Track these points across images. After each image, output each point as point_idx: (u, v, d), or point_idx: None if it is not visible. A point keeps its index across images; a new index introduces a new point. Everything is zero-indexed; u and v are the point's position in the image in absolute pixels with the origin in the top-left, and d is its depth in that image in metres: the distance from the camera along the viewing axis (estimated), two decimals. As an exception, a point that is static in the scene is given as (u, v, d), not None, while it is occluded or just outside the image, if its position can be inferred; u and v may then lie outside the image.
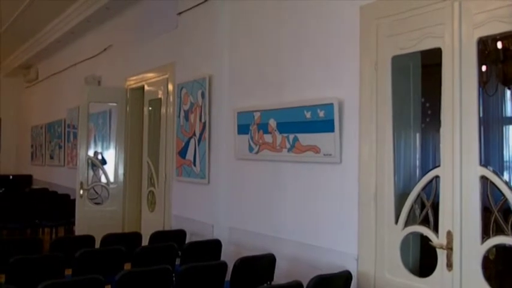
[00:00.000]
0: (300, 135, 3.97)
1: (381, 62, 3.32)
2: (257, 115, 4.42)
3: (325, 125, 3.71)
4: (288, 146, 4.08)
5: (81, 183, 6.90)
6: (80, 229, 6.77)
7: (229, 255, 4.38)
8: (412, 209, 3.15)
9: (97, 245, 4.72)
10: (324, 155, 3.74)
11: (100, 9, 7.73)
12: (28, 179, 12.87)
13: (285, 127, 4.13)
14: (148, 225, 6.15)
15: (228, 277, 3.63)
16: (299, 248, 3.95)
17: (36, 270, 3.67)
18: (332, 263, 3.53)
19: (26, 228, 7.68)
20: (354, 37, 3.55)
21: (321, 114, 3.75)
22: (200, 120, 5.17)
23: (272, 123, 4.25)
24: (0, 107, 14.67)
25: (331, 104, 3.65)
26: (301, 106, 3.94)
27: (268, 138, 4.30)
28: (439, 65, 2.96)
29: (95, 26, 8.66)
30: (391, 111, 3.26)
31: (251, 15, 4.76)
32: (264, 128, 4.34)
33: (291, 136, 4.05)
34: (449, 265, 2.81)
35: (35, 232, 7.78)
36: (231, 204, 4.85)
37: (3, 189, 11.23)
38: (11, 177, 13.05)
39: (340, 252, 3.55)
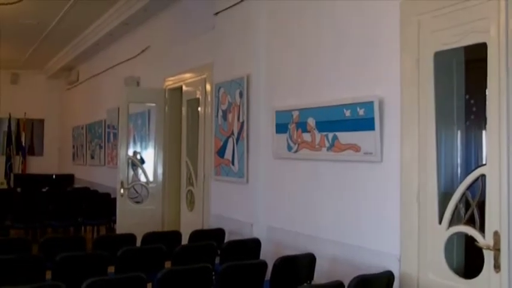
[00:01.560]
0: (339, 134, 3.93)
1: (423, 58, 3.25)
2: (295, 114, 4.41)
3: (366, 123, 3.67)
4: (327, 144, 4.05)
5: (122, 182, 7.01)
6: (120, 227, 6.89)
7: (268, 255, 4.38)
8: (456, 208, 3.07)
9: (138, 243, 4.80)
10: (364, 153, 3.70)
11: (138, 11, 7.86)
12: (70, 178, 13.18)
13: (324, 126, 4.10)
14: (187, 224, 6.22)
15: (267, 276, 3.63)
16: (339, 247, 3.91)
17: (81, 267, 3.75)
18: (373, 263, 3.48)
19: (69, 226, 7.88)
20: (394, 33, 3.49)
21: (361, 112, 3.70)
22: (238, 119, 5.18)
23: (311, 121, 4.22)
24: (43, 108, 15.13)
25: (372, 102, 3.60)
26: (340, 104, 3.90)
27: (307, 137, 4.27)
28: (483, 60, 2.88)
29: (132, 28, 8.81)
30: (433, 109, 3.19)
31: (288, 14, 4.74)
32: (302, 126, 4.32)
33: (330, 135, 4.02)
34: (497, 266, 2.73)
35: (77, 230, 7.96)
36: (269, 203, 4.85)
37: (46, 188, 11.55)
38: (53, 176, 13.40)
39: (381, 253, 3.50)
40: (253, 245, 4.53)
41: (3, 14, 3.11)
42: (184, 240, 4.97)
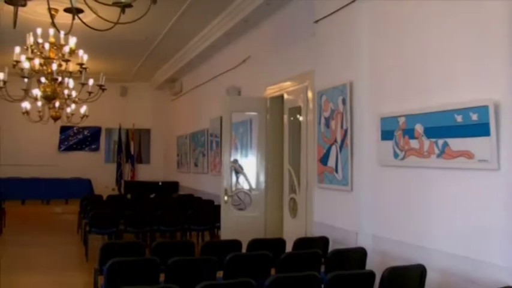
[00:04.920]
0: (450, 140, 3.76)
1: (545, 58, 3.04)
2: (402, 120, 4.28)
3: (479, 129, 3.48)
4: (436, 151, 3.89)
5: (226, 190, 7.20)
6: (224, 234, 7.07)
7: (374, 265, 4.28)
8: None
9: (242, 250, 4.89)
10: (479, 160, 3.51)
11: (239, 22, 8.08)
12: (175, 185, 13.79)
13: (433, 132, 3.94)
14: (290, 232, 6.25)
15: (375, 287, 3.55)
16: (452, 259, 3.72)
17: (191, 271, 3.90)
18: (490, 277, 3.29)
19: (175, 231, 8.21)
20: (509, 33, 3.28)
21: (474, 117, 3.52)
22: (341, 126, 5.13)
23: (419, 128, 4.08)
24: (150, 118, 15.98)
25: (486, 106, 3.41)
26: (450, 110, 3.73)
27: (414, 143, 4.14)
28: None
29: (233, 39, 9.06)
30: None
31: (391, 18, 4.63)
32: (409, 133, 4.18)
33: (440, 141, 3.85)
34: None
35: (184, 235, 8.27)
36: (374, 211, 4.74)
37: (154, 194, 12.15)
38: (160, 183, 14.09)
39: (500, 267, 3.29)
40: (359, 254, 4.45)
41: (114, 32, 3.36)
42: (288, 248, 4.99)
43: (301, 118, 6.37)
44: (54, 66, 7.94)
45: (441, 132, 3.85)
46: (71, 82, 8.91)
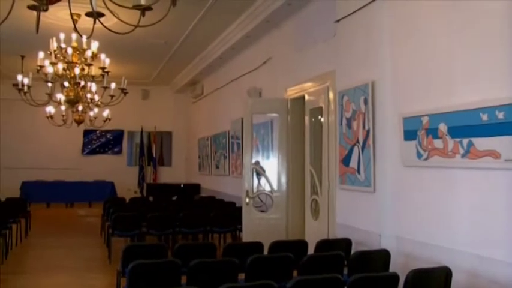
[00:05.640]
0: (475, 140, 3.69)
1: None
2: (425, 120, 4.21)
3: (506, 128, 3.40)
4: (461, 151, 3.82)
5: (247, 192, 7.19)
6: (246, 235, 7.06)
7: (398, 267, 4.21)
8: None
9: (264, 252, 4.87)
10: (505, 160, 3.42)
11: (260, 23, 8.06)
12: (196, 187, 13.84)
13: (458, 131, 3.86)
14: (312, 233, 6.21)
15: (399, 289, 3.49)
16: (478, 261, 3.65)
17: (213, 273, 3.89)
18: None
19: (197, 233, 8.22)
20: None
21: (500, 115, 3.44)
22: (363, 127, 5.08)
23: (442, 127, 4.01)
24: (171, 121, 16.08)
25: (512, 104, 3.33)
26: (476, 108, 3.66)
27: (438, 143, 4.06)
28: None
29: (254, 40, 9.05)
30: None
31: (414, 16, 4.56)
32: (433, 133, 4.11)
33: (465, 141, 3.78)
34: None
35: (206, 237, 8.28)
36: (398, 212, 4.68)
37: (175, 196, 12.21)
38: (181, 185, 14.17)
39: (528, 268, 3.21)
40: (382, 256, 4.38)
41: (135, 36, 3.39)
42: (310, 250, 4.95)
43: (322, 119, 6.33)
44: (77, 71, 8.03)
45: (466, 132, 3.77)
46: (93, 86, 9.01)
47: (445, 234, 4.02)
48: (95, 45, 7.61)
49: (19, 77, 8.52)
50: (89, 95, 9.17)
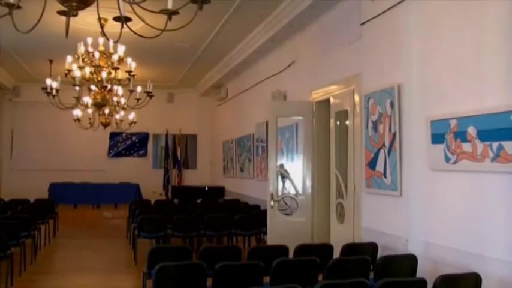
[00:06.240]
0: (505, 143, 3.62)
1: None
2: (453, 123, 4.15)
3: (538, 131, 3.33)
4: (491, 155, 3.75)
5: (272, 195, 7.18)
6: (271, 239, 7.04)
7: (425, 272, 4.16)
8: None
9: (289, 255, 4.85)
10: (537, 164, 3.35)
11: (284, 27, 8.04)
12: (221, 190, 13.87)
13: (487, 135, 3.80)
14: (338, 237, 6.16)
15: (427, 295, 3.44)
16: (509, 268, 3.57)
17: (238, 276, 3.89)
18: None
19: (222, 236, 8.24)
20: None
21: (532, 119, 3.37)
22: (390, 130, 5.03)
23: (471, 131, 3.95)
24: (196, 124, 16.17)
25: (545, 107, 3.26)
26: (506, 111, 3.60)
27: (467, 147, 4.00)
28: None
29: (278, 44, 9.04)
30: None
31: (442, 17, 4.50)
32: (462, 136, 4.05)
33: (495, 144, 3.71)
34: None
35: (230, 240, 8.29)
36: (425, 217, 4.61)
37: (200, 199, 12.26)
38: (206, 188, 14.22)
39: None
40: (409, 261, 4.33)
41: (160, 40, 3.43)
42: (336, 254, 4.91)
43: (347, 122, 6.28)
44: (104, 74, 8.14)
45: (496, 135, 3.71)
46: (119, 89, 9.11)
47: (474, 239, 3.95)
48: (121, 49, 7.69)
49: (48, 81, 8.67)
50: (115, 98, 9.27)
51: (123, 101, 9.44)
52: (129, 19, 3.25)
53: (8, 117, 15.14)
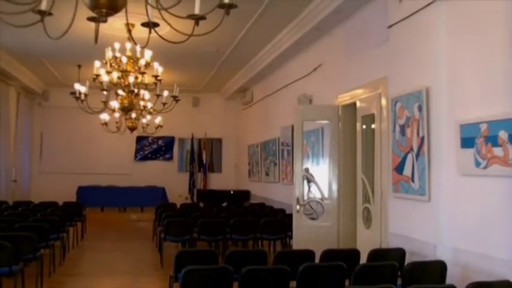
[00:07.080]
0: (538, 148, 3.53)
1: None
2: (484, 127, 4.07)
3: None
4: (523, 159, 3.66)
5: (298, 199, 7.15)
6: (297, 243, 7.01)
7: (454, 279, 4.09)
8: None
9: (315, 260, 4.82)
10: None
11: (310, 30, 8.02)
12: (246, 194, 13.88)
13: (520, 139, 3.71)
14: (364, 242, 6.09)
15: (457, 302, 3.37)
16: (542, 275, 3.48)
17: (264, 280, 3.89)
18: None
19: (247, 240, 8.23)
20: None
21: None
22: (418, 134, 4.96)
23: (503, 135, 3.86)
24: (221, 128, 16.24)
25: None
26: (539, 115, 3.51)
27: (498, 151, 3.91)
28: None
29: (304, 47, 9.02)
30: None
31: (472, 18, 4.42)
32: (492, 140, 3.97)
33: (527, 149, 3.62)
34: None
35: (256, 244, 8.28)
36: (454, 222, 4.53)
37: (225, 203, 12.28)
38: (231, 192, 14.26)
39: None
40: (438, 267, 4.26)
41: (187, 44, 3.45)
42: (362, 259, 4.86)
43: (374, 126, 6.21)
44: (131, 79, 8.24)
45: (528, 139, 3.62)
46: (146, 94, 9.21)
47: (506, 246, 3.86)
48: (148, 54, 7.77)
49: (76, 86, 8.82)
50: (142, 103, 9.37)
51: (149, 105, 9.54)
52: (156, 24, 3.27)
53: (37, 121, 15.47)
